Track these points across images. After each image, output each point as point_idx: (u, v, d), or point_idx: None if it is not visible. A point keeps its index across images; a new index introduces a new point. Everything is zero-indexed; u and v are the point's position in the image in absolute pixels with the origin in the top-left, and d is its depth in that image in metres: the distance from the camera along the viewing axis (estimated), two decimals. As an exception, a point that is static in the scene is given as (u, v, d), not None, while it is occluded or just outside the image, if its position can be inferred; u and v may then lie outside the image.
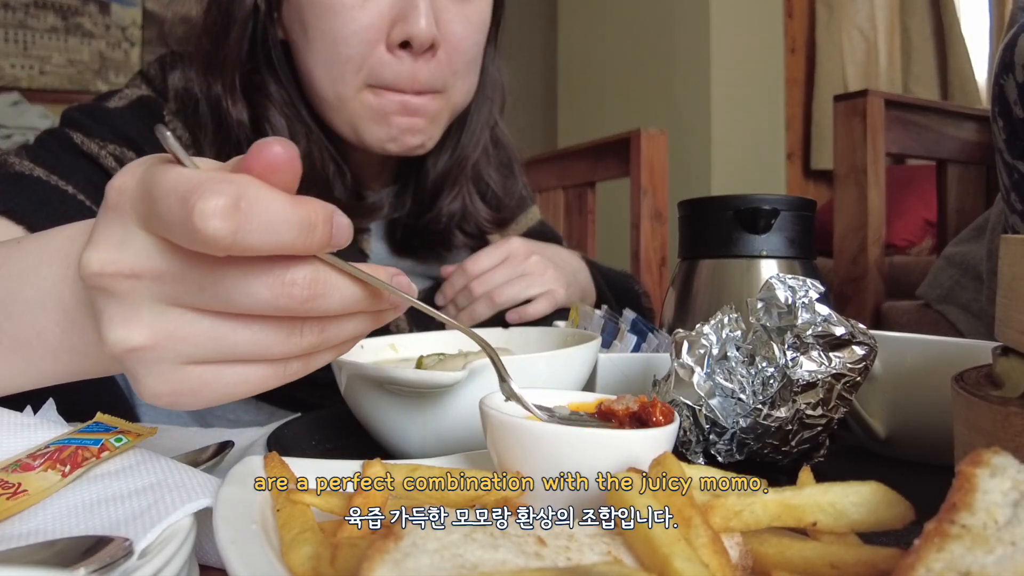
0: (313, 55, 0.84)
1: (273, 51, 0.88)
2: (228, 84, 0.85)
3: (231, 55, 0.84)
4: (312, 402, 0.90)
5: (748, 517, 0.35)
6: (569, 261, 1.07)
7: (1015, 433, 0.36)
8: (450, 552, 0.30)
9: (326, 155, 0.90)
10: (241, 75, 0.85)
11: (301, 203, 0.34)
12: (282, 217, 0.33)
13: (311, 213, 0.34)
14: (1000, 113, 1.06)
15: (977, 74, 3.42)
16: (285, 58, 0.89)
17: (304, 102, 0.89)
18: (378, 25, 0.81)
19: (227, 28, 0.84)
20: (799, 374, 0.49)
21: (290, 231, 0.34)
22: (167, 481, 0.41)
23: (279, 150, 0.34)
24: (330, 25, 0.81)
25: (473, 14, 0.87)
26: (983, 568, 0.26)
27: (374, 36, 0.81)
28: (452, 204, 0.98)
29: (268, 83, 0.87)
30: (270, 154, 0.34)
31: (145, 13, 3.71)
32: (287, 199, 0.34)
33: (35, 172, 0.78)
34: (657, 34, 3.29)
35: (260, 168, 0.34)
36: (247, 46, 0.85)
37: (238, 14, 0.84)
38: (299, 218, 0.34)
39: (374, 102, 0.84)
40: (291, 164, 0.34)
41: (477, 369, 0.54)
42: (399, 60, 0.82)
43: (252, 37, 0.86)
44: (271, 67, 0.88)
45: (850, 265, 1.54)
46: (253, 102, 0.86)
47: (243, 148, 0.90)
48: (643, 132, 1.65)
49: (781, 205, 0.72)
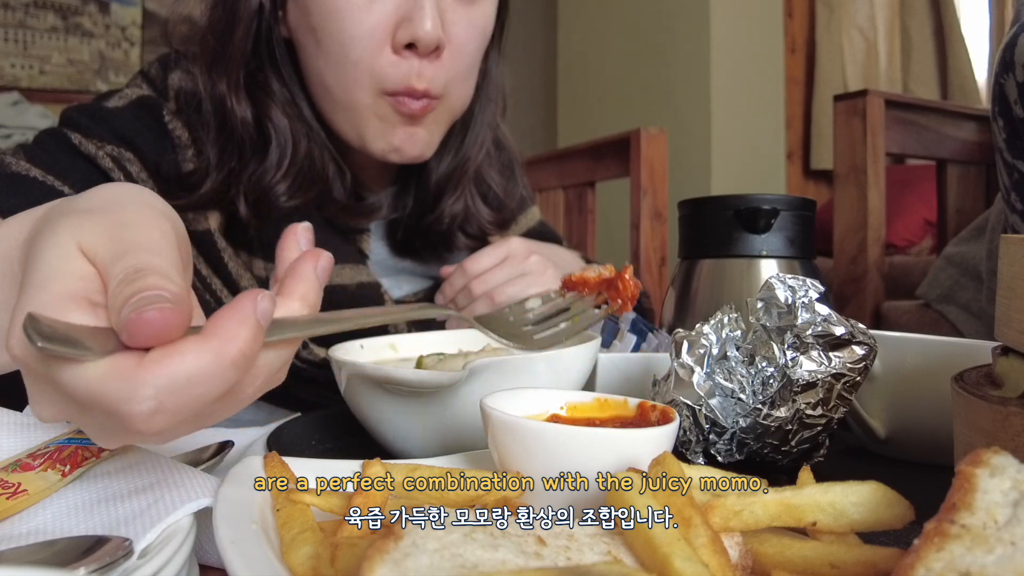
0: (323, 57, 0.84)
1: (277, 50, 0.88)
2: (233, 82, 0.85)
3: (236, 53, 0.84)
4: (312, 401, 0.90)
5: (748, 517, 0.35)
6: (569, 261, 1.07)
7: (1015, 433, 0.36)
8: (450, 552, 0.30)
9: (327, 155, 0.90)
10: (245, 73, 0.86)
11: (213, 351, 0.33)
12: (206, 386, 0.33)
13: (227, 355, 0.33)
14: (1000, 112, 1.06)
15: (977, 74, 3.42)
16: (289, 57, 0.89)
17: (307, 102, 0.90)
18: (384, 25, 0.81)
19: (232, 26, 0.84)
20: (799, 374, 0.49)
21: (220, 384, 0.33)
22: (167, 481, 0.41)
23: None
24: (338, 27, 0.81)
25: (477, 18, 0.87)
26: (983, 568, 0.26)
27: (380, 36, 0.82)
28: (454, 206, 0.99)
29: (271, 82, 0.87)
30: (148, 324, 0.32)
31: (145, 13, 3.71)
32: (197, 357, 0.32)
33: (32, 172, 0.78)
34: (657, 34, 3.30)
35: (154, 334, 0.32)
36: (251, 44, 0.86)
37: (243, 12, 0.84)
38: (221, 371, 0.33)
39: (385, 112, 0.85)
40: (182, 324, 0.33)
41: (477, 369, 0.54)
42: (405, 60, 0.83)
43: (256, 35, 0.86)
44: (275, 66, 0.88)
45: (850, 265, 1.54)
46: (256, 100, 0.86)
47: (246, 148, 0.89)
48: (643, 132, 1.65)
49: (781, 205, 0.72)
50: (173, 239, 0.38)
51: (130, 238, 0.36)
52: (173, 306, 0.32)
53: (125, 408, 0.32)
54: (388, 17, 0.81)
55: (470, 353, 0.67)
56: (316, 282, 0.41)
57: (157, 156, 0.84)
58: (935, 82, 3.49)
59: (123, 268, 0.34)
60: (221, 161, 0.85)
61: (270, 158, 0.85)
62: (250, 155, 0.86)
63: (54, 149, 0.82)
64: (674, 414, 0.44)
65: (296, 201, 0.86)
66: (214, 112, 0.85)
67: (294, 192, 0.86)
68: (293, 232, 0.45)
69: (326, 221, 0.92)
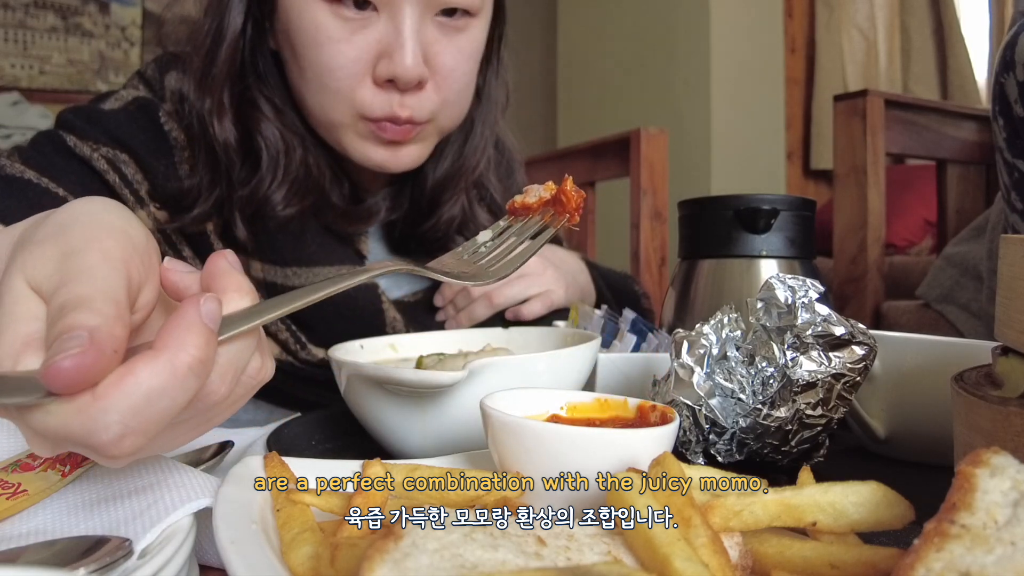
0: (304, 82, 0.84)
1: (263, 63, 0.87)
2: (217, 102, 0.84)
3: (220, 74, 0.84)
4: (311, 401, 0.90)
5: (748, 517, 0.35)
6: (568, 262, 1.07)
7: (1015, 433, 0.36)
8: (450, 552, 0.30)
9: (322, 162, 0.90)
10: (232, 90, 0.85)
11: (166, 363, 0.33)
12: (167, 399, 0.33)
13: (181, 363, 0.33)
14: (1000, 112, 1.06)
15: (977, 74, 3.42)
16: (277, 68, 0.88)
17: (298, 112, 0.89)
18: (365, 59, 0.80)
19: (217, 45, 0.84)
20: (799, 374, 0.49)
21: (182, 393, 0.34)
22: (167, 481, 0.41)
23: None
24: (317, 57, 0.80)
25: (465, 44, 0.85)
26: (983, 568, 0.26)
27: (361, 70, 0.80)
28: (451, 210, 0.98)
29: (260, 94, 0.87)
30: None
31: (145, 13, 3.71)
32: (151, 374, 0.33)
33: (26, 175, 0.77)
34: (657, 34, 3.30)
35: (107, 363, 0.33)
36: (238, 63, 0.85)
37: (228, 32, 0.83)
38: (179, 381, 0.33)
39: (364, 131, 0.84)
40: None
41: (477, 369, 0.54)
42: (386, 93, 0.81)
43: (242, 53, 0.85)
44: (263, 78, 0.88)
45: (850, 265, 1.54)
46: (244, 115, 0.86)
47: (233, 171, 0.87)
48: (643, 132, 1.65)
49: (781, 205, 0.72)
50: (118, 256, 0.37)
51: (68, 267, 0.36)
52: (84, 349, 0.31)
53: (94, 440, 0.32)
54: (368, 52, 0.80)
55: (470, 353, 0.67)
56: (240, 274, 0.40)
57: (153, 158, 0.84)
58: (935, 82, 3.49)
59: (55, 305, 0.34)
60: (213, 182, 0.85)
61: (263, 170, 0.84)
62: (242, 177, 0.85)
63: (49, 151, 0.82)
64: (674, 414, 0.44)
65: (293, 209, 0.86)
66: (202, 134, 0.85)
67: (290, 200, 0.86)
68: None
69: (323, 226, 0.92)
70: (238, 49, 0.85)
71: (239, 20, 0.84)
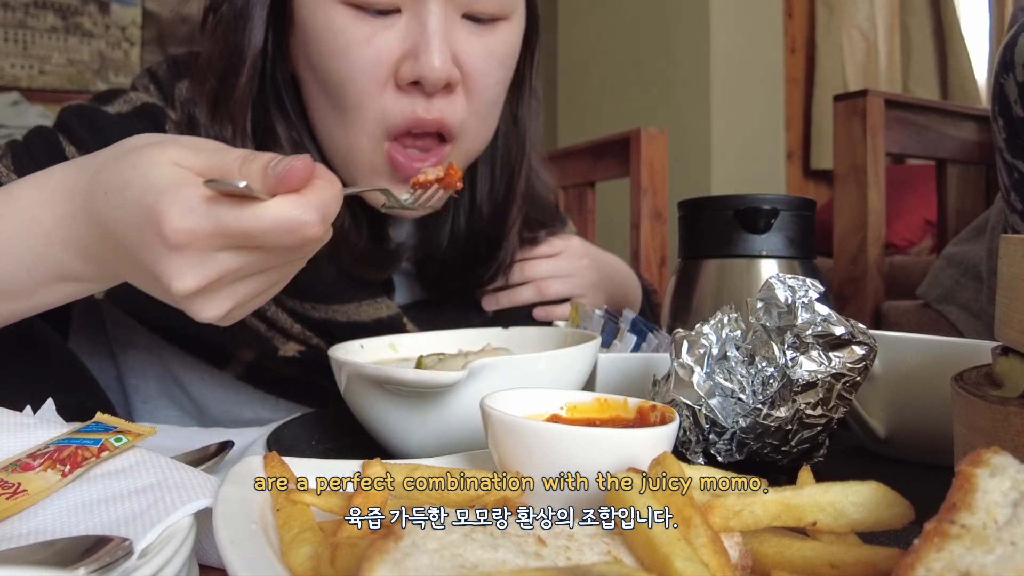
0: (323, 103, 0.77)
1: (284, 88, 0.81)
2: (239, 131, 0.77)
3: (242, 97, 0.77)
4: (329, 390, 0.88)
5: (748, 517, 0.35)
6: (622, 273, 1.07)
7: (1015, 433, 0.36)
8: (450, 552, 0.30)
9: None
10: (255, 117, 0.79)
11: (334, 184, 0.48)
12: (335, 205, 0.48)
13: (338, 187, 0.48)
14: (1000, 112, 1.06)
15: (977, 74, 3.42)
16: (295, 94, 0.82)
17: (315, 144, 0.83)
18: (387, 61, 0.73)
19: (236, 66, 0.76)
20: (799, 374, 0.49)
21: (338, 207, 0.48)
22: (167, 481, 0.41)
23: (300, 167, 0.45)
24: (336, 66, 0.73)
25: (496, 45, 0.77)
26: (983, 568, 0.26)
27: (383, 75, 0.73)
28: (512, 242, 0.92)
29: (276, 123, 0.80)
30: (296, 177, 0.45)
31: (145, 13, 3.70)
32: (330, 185, 0.47)
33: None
34: (657, 34, 3.29)
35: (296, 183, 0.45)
36: (257, 84, 0.78)
37: (248, 51, 0.76)
38: (340, 198, 0.48)
39: (381, 166, 0.77)
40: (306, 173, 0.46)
41: (477, 369, 0.54)
42: (410, 97, 0.74)
43: (262, 75, 0.79)
44: (280, 106, 0.81)
45: (850, 265, 1.54)
46: (259, 139, 0.79)
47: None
48: (643, 132, 1.65)
49: (781, 205, 0.72)
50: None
51: (207, 146, 0.49)
52: (304, 161, 0.45)
53: (305, 217, 0.45)
54: (391, 52, 0.72)
55: (470, 353, 0.67)
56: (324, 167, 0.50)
57: None
58: (935, 82, 3.49)
59: (234, 157, 0.47)
60: None
61: None
62: None
63: (43, 158, 0.76)
64: (674, 414, 0.44)
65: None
66: None
67: None
68: None
69: (340, 271, 0.85)
70: (256, 71, 0.77)
71: (259, 37, 0.76)
